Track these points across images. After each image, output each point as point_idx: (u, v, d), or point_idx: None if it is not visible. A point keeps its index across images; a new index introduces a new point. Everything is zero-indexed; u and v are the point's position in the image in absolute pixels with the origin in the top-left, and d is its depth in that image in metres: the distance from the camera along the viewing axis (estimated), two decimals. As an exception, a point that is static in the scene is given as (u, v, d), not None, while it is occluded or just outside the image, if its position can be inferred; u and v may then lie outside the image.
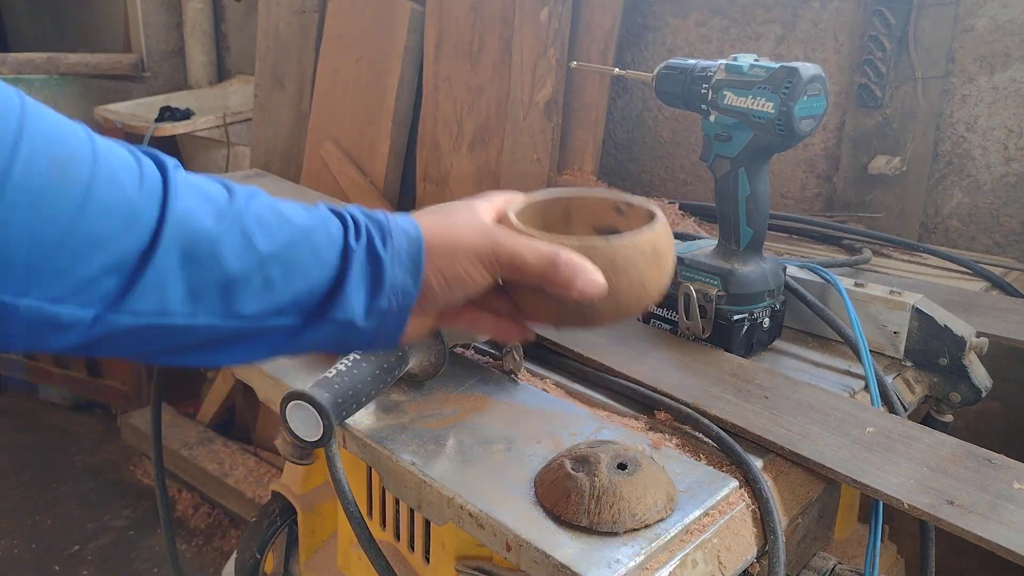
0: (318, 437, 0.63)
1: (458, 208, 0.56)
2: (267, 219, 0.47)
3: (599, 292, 0.52)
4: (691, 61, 0.87)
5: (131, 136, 2.50)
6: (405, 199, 2.11)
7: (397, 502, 0.85)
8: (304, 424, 0.64)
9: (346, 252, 0.49)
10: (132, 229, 0.41)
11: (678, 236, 1.13)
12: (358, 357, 0.69)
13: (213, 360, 0.49)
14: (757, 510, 0.65)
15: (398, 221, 0.53)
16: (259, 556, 1.04)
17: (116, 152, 0.43)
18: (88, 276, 0.40)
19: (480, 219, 0.55)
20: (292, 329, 0.49)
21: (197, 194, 0.45)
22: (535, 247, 0.52)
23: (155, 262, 0.42)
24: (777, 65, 0.79)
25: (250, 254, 0.45)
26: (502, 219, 0.56)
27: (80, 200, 0.40)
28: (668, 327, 0.91)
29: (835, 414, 0.74)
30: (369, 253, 0.50)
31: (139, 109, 2.76)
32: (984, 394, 0.85)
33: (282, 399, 0.63)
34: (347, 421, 0.71)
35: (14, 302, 0.38)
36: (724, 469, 0.67)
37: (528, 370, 0.84)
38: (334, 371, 0.67)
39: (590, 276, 0.51)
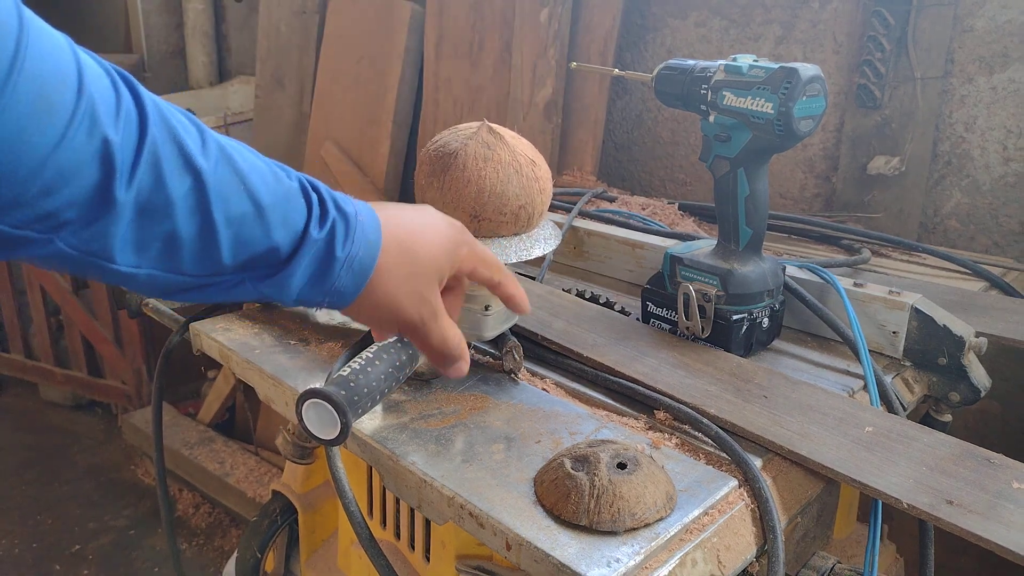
0: (335, 435, 0.63)
1: (425, 237, 0.59)
2: (229, 187, 0.48)
3: None
4: (690, 62, 0.87)
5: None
6: (405, 199, 2.11)
7: (397, 501, 0.86)
8: (320, 422, 0.64)
9: (303, 239, 0.51)
10: (102, 170, 0.42)
11: (678, 236, 1.13)
12: (371, 355, 0.69)
13: (149, 295, 0.52)
14: (756, 509, 0.65)
15: (364, 223, 0.55)
16: (260, 555, 1.05)
17: (99, 82, 0.42)
18: (51, 208, 0.41)
19: (436, 274, 0.60)
20: (228, 284, 0.51)
21: (170, 143, 0.45)
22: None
23: (115, 208, 0.43)
24: (776, 66, 0.79)
25: (204, 220, 0.47)
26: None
27: (59, 137, 0.40)
28: (667, 327, 0.92)
29: (834, 414, 0.74)
30: (327, 248, 0.53)
31: (140, 109, 2.76)
32: (983, 394, 0.86)
33: (298, 397, 0.63)
34: (348, 421, 0.72)
35: None
36: (723, 468, 0.68)
37: (528, 370, 0.84)
38: (348, 369, 0.67)
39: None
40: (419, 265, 0.59)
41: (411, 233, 0.59)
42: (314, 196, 0.53)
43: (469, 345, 0.87)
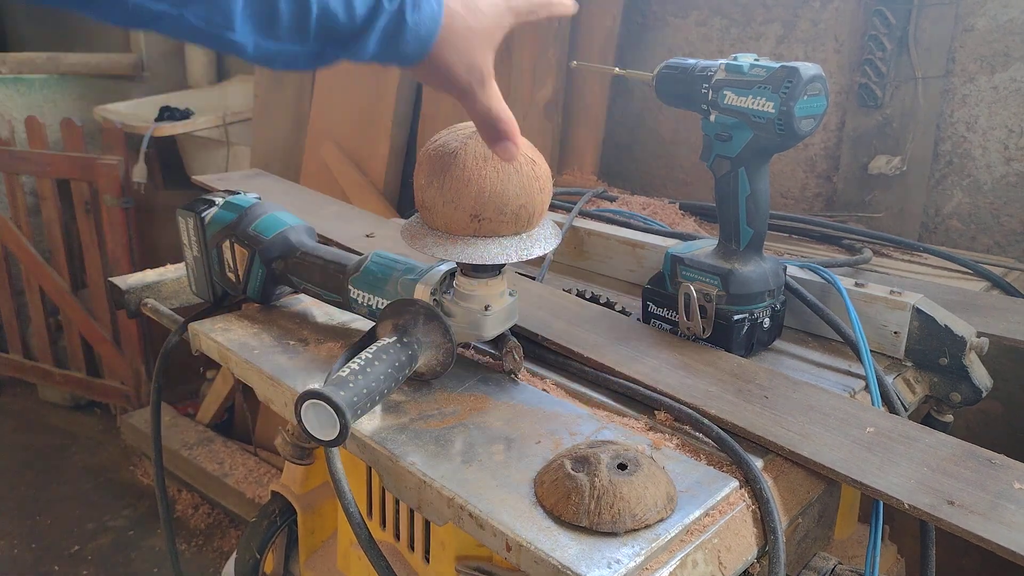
0: (334, 436, 0.63)
1: (482, 4, 0.66)
2: None
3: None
4: (691, 61, 0.87)
5: (131, 136, 2.51)
6: (405, 199, 2.11)
7: (397, 502, 0.85)
8: (320, 423, 0.63)
9: (376, 9, 0.59)
10: None
11: (679, 236, 1.13)
12: (370, 356, 0.69)
13: (254, 62, 0.60)
14: (757, 510, 0.65)
15: None
16: (259, 556, 1.04)
17: None
18: None
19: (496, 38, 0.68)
20: (311, 55, 0.59)
21: None
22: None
23: None
24: (777, 65, 0.79)
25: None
26: None
27: None
28: (668, 327, 0.91)
29: (835, 414, 0.74)
30: (398, 18, 0.60)
31: (139, 109, 2.76)
32: (984, 394, 0.85)
33: (297, 398, 0.63)
34: (347, 421, 0.71)
35: None
36: (724, 469, 0.67)
37: (528, 370, 0.84)
38: (347, 370, 0.67)
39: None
40: (476, 36, 0.66)
41: (468, 4, 0.65)
42: None
43: (468, 346, 0.87)
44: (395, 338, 0.72)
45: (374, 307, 0.84)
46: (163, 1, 0.51)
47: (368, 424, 0.72)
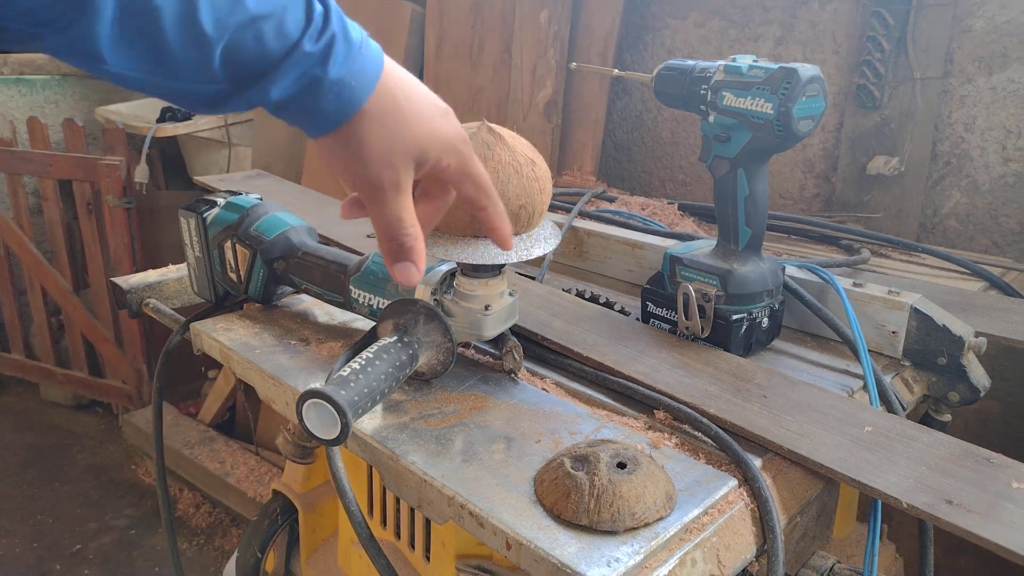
0: (335, 435, 0.63)
1: (421, 110, 0.55)
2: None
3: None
4: (690, 62, 0.88)
5: (132, 136, 2.51)
6: (406, 199, 2.11)
7: (398, 501, 0.86)
8: (321, 422, 0.64)
9: (294, 49, 0.49)
10: None
11: (678, 236, 1.13)
12: (371, 356, 0.69)
13: (153, 96, 0.50)
14: (756, 509, 0.65)
15: (368, 56, 0.52)
16: (260, 555, 1.05)
17: None
18: (26, 7, 0.41)
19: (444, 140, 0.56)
20: (224, 94, 0.49)
21: None
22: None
23: (92, 8, 0.42)
24: (776, 66, 0.79)
25: (191, 28, 0.45)
26: None
27: None
28: (667, 327, 0.92)
29: (834, 413, 0.74)
30: (320, 64, 0.50)
31: (140, 109, 2.77)
32: (982, 394, 0.86)
33: (299, 397, 0.63)
34: (348, 420, 0.72)
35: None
36: (723, 468, 0.68)
37: (528, 370, 0.84)
38: (348, 369, 0.67)
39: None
40: (404, 130, 0.54)
41: (409, 98, 0.54)
42: (318, 9, 0.50)
43: (468, 345, 0.87)
44: (396, 338, 0.73)
45: (375, 307, 0.85)
46: (12, 20, 0.41)
47: (369, 423, 0.72)
